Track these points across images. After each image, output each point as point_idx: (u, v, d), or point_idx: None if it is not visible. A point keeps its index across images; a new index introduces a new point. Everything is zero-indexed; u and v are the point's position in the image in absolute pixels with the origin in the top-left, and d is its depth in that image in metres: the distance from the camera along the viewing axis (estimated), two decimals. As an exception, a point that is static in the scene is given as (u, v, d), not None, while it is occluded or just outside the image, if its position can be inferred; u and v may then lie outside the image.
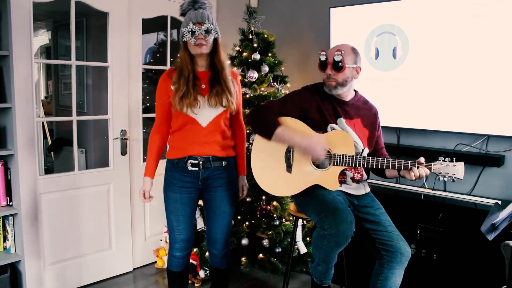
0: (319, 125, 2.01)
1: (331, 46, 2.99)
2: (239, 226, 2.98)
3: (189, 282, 2.80)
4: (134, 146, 3.12)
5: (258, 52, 3.00)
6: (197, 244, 3.03)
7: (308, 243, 2.91)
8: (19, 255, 2.61)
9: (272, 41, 3.05)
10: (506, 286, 1.85)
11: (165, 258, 3.24)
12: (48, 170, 4.58)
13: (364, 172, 2.09)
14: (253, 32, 3.04)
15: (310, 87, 2.12)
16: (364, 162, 1.94)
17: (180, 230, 2.15)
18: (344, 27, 2.99)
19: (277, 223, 2.94)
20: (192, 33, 1.96)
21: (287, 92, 3.04)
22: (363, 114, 2.09)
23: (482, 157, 2.57)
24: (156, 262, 3.31)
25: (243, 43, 3.06)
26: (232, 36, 3.22)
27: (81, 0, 2.74)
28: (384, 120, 2.20)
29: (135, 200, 3.18)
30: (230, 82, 2.07)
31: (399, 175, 1.99)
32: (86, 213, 2.90)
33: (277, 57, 3.08)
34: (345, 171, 2.03)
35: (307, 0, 3.36)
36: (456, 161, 1.89)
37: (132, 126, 3.10)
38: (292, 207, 2.36)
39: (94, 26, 3.64)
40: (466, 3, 2.47)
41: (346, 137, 1.98)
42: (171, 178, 2.13)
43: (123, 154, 3.05)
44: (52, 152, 4.57)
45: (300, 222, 2.78)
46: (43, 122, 4.55)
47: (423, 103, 2.70)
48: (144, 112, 3.19)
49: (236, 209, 2.94)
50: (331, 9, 3.03)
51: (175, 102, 2.01)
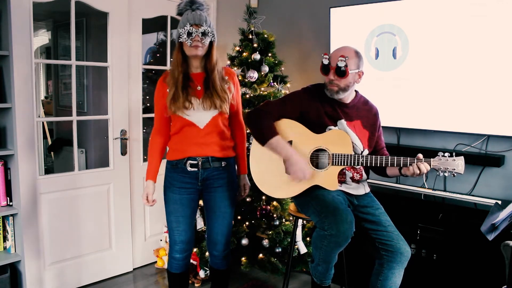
0: (318, 127, 2.01)
1: (331, 46, 3.01)
2: (239, 226, 2.98)
3: (189, 282, 2.80)
4: (134, 146, 3.12)
5: (258, 52, 3.00)
6: (197, 244, 3.03)
7: (308, 243, 2.90)
8: (19, 255, 2.61)
9: (272, 41, 3.05)
10: (506, 286, 1.85)
11: (165, 258, 3.24)
12: (48, 170, 4.58)
13: (363, 172, 2.09)
14: (253, 32, 3.04)
15: (311, 88, 2.10)
16: (363, 160, 1.94)
17: (180, 232, 2.14)
18: (344, 27, 2.99)
19: (277, 223, 2.94)
20: (188, 34, 1.95)
21: (287, 92, 3.04)
22: (363, 115, 2.09)
23: (482, 157, 2.57)
24: (156, 262, 3.31)
25: (243, 43, 3.06)
26: (232, 36, 3.23)
27: (81, 0, 2.74)
28: (384, 120, 2.20)
29: (135, 200, 3.18)
30: (219, 85, 2.03)
31: (401, 174, 1.99)
32: (86, 213, 2.90)
33: (277, 57, 3.08)
34: (344, 170, 2.03)
35: (307, 0, 3.36)
36: (455, 156, 1.88)
37: (132, 126, 3.10)
38: (292, 207, 2.36)
39: (94, 26, 3.64)
40: (466, 3, 2.48)
41: (343, 136, 1.97)
42: (171, 179, 2.13)
43: (123, 154, 3.05)
44: (52, 152, 4.57)
45: (300, 222, 2.78)
46: (43, 122, 4.55)
47: (423, 103, 2.70)
48: (144, 112, 3.19)
49: (236, 209, 2.94)
50: (331, 9, 3.03)
51: (167, 104, 2.01)
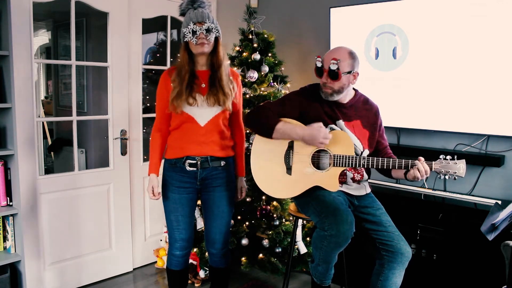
0: None
1: (331, 46, 3.01)
2: (239, 226, 2.98)
3: (189, 282, 2.80)
4: (134, 146, 3.12)
5: (258, 52, 3.00)
6: (197, 244, 3.03)
7: (308, 243, 2.90)
8: (19, 255, 2.61)
9: (272, 41, 3.05)
10: (506, 286, 1.85)
11: (165, 258, 3.24)
12: (48, 170, 4.58)
13: (364, 173, 2.09)
14: (253, 32, 3.04)
15: (309, 88, 2.11)
16: (364, 162, 1.94)
17: (180, 230, 2.15)
18: (344, 27, 2.99)
19: (277, 223, 2.94)
20: (193, 33, 1.95)
21: (287, 92, 3.04)
22: (362, 115, 2.08)
23: (482, 157, 2.57)
24: (156, 262, 3.31)
25: (243, 43, 3.05)
26: (232, 36, 3.22)
27: (81, 0, 2.74)
28: (384, 120, 2.20)
29: (135, 200, 3.18)
30: (225, 82, 2.05)
31: (405, 178, 1.96)
32: (86, 213, 2.90)
33: (277, 57, 3.08)
34: (345, 171, 2.03)
35: (307, 0, 3.36)
36: (457, 159, 1.88)
37: (132, 126, 3.10)
38: (292, 207, 2.36)
39: (94, 26, 3.64)
40: (466, 3, 2.47)
41: (345, 137, 1.97)
42: (170, 178, 2.13)
43: (123, 154, 3.05)
44: (52, 152, 4.57)
45: (300, 222, 2.78)
46: (43, 122, 4.55)
47: (423, 103, 2.70)
48: (144, 112, 3.19)
49: (236, 209, 2.95)
50: (331, 9, 3.03)
51: (170, 100, 2.02)
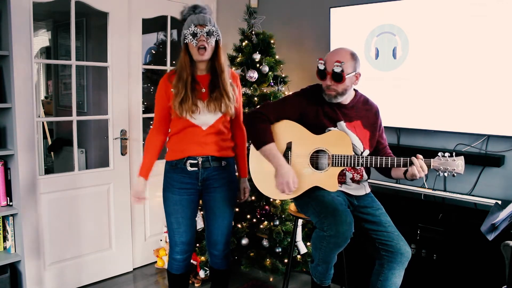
0: (318, 128, 2.00)
1: (331, 46, 3.01)
2: (239, 226, 2.98)
3: (189, 283, 2.80)
4: (134, 146, 3.12)
5: (258, 52, 3.00)
6: (196, 244, 3.03)
7: (309, 243, 2.91)
8: (19, 255, 2.61)
9: (272, 41, 3.05)
10: (506, 286, 1.85)
11: (165, 258, 3.24)
12: (48, 170, 4.58)
13: (364, 173, 2.08)
14: (253, 32, 3.04)
15: (309, 90, 2.10)
16: (363, 161, 1.94)
17: (180, 233, 2.12)
18: (344, 27, 2.99)
19: (277, 223, 2.94)
20: (193, 35, 1.95)
21: (286, 93, 3.04)
22: (363, 115, 2.08)
23: (482, 157, 2.56)
24: (156, 262, 3.31)
25: (243, 43, 3.06)
26: (232, 36, 3.22)
27: (81, 0, 2.74)
28: (384, 120, 2.19)
29: (135, 200, 3.18)
30: (229, 86, 2.04)
31: (405, 177, 1.96)
32: (86, 213, 2.90)
33: (277, 57, 3.08)
34: (344, 171, 2.03)
35: (307, 0, 3.36)
36: (455, 156, 1.88)
37: (132, 126, 3.10)
38: (292, 207, 2.36)
39: (94, 26, 3.64)
40: (466, 3, 2.47)
41: (343, 137, 1.97)
42: (170, 179, 2.11)
43: (123, 154, 3.05)
44: (52, 152, 4.58)
45: (300, 222, 2.78)
46: (43, 122, 4.55)
47: (423, 103, 2.70)
48: (144, 112, 3.20)
49: (238, 208, 2.95)
50: (331, 9, 3.03)
51: (174, 107, 1.99)
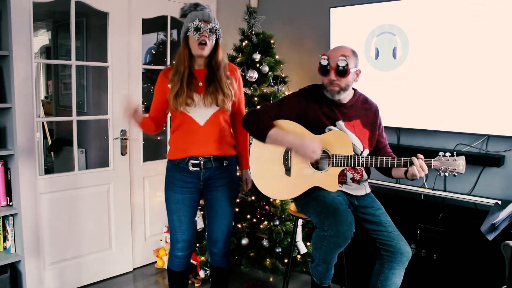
0: (317, 128, 2.00)
1: (331, 46, 3.00)
2: (239, 226, 2.98)
3: (189, 281, 2.80)
4: (134, 146, 3.12)
5: (258, 52, 3.00)
6: (196, 244, 3.03)
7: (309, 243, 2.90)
8: (19, 255, 2.61)
9: (272, 41, 3.05)
10: (506, 286, 1.85)
11: (165, 258, 3.24)
12: (48, 170, 4.58)
13: (364, 173, 2.08)
14: (253, 32, 3.04)
15: (307, 89, 2.10)
16: (363, 161, 1.94)
17: (182, 230, 2.15)
18: (344, 27, 2.99)
19: (277, 223, 2.94)
20: (197, 29, 1.98)
21: (286, 93, 3.04)
22: (362, 114, 2.08)
23: (482, 157, 2.56)
24: (156, 262, 3.31)
25: (243, 43, 3.06)
26: (232, 36, 3.22)
27: (81, 0, 2.74)
28: (384, 120, 2.19)
29: (135, 200, 3.18)
30: (224, 82, 2.06)
31: (406, 177, 1.96)
32: (86, 213, 2.90)
33: (277, 57, 3.08)
34: (344, 171, 2.02)
35: (307, 0, 3.36)
36: (456, 155, 1.87)
37: (132, 126, 3.09)
38: (292, 207, 2.36)
39: (94, 26, 3.64)
40: (466, 3, 2.47)
41: (343, 137, 1.97)
42: (172, 178, 2.13)
43: (123, 154, 3.05)
44: (52, 152, 4.57)
45: (300, 222, 2.78)
46: (43, 122, 4.55)
47: (423, 103, 2.70)
48: (144, 112, 3.18)
49: (238, 208, 2.95)
50: (331, 9, 3.03)
51: (170, 100, 2.02)
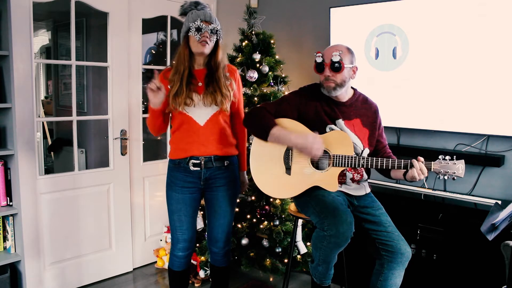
0: (317, 127, 2.00)
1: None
2: (239, 226, 2.98)
3: (189, 281, 2.80)
4: (134, 146, 3.12)
5: (258, 52, 3.00)
6: (197, 244, 3.03)
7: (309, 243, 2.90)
8: (19, 255, 2.61)
9: (272, 41, 3.05)
10: (506, 286, 1.85)
11: (165, 258, 3.24)
12: (48, 170, 4.58)
13: (364, 172, 2.08)
14: (253, 32, 3.04)
15: (307, 88, 2.10)
16: (364, 162, 1.94)
17: (183, 230, 2.15)
18: (344, 27, 2.99)
19: (277, 223, 2.94)
20: (198, 29, 1.98)
21: (286, 92, 3.04)
22: (362, 113, 2.08)
23: (482, 157, 2.56)
24: (156, 262, 3.31)
25: (243, 43, 3.06)
26: (232, 36, 3.22)
27: (81, 0, 2.74)
28: (384, 120, 2.19)
29: (135, 200, 3.18)
30: (223, 83, 2.06)
31: (405, 179, 1.96)
32: (86, 213, 2.90)
33: (277, 57, 3.08)
34: (345, 171, 2.03)
35: (307, 0, 3.36)
36: (456, 159, 1.88)
37: (132, 126, 3.10)
38: (292, 207, 2.36)
39: (94, 26, 3.64)
40: (466, 3, 2.47)
41: (344, 137, 1.97)
42: (173, 178, 2.13)
43: (123, 154, 3.05)
44: (52, 152, 4.57)
45: (300, 222, 2.78)
46: (43, 122, 4.55)
47: (423, 103, 2.70)
48: (144, 112, 3.19)
49: (238, 208, 2.95)
50: (331, 9, 3.03)
51: (169, 100, 2.02)
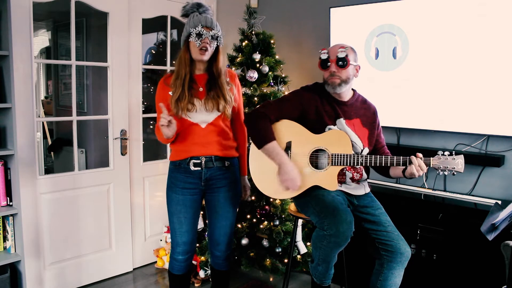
0: (318, 126, 2.01)
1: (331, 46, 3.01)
2: (239, 226, 2.98)
3: (190, 283, 2.80)
4: (134, 146, 3.12)
5: (258, 52, 3.00)
6: (196, 244, 3.02)
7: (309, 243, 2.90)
8: (19, 255, 2.61)
9: (272, 41, 3.05)
10: (506, 286, 1.85)
11: (165, 258, 3.24)
12: (48, 170, 4.58)
13: (363, 172, 2.08)
14: (253, 32, 3.04)
15: (309, 87, 2.11)
16: (362, 160, 1.94)
17: (182, 233, 2.12)
18: (344, 27, 2.99)
19: (277, 223, 2.94)
20: (199, 35, 1.98)
21: (286, 92, 3.04)
22: (362, 113, 2.09)
23: (482, 157, 2.56)
24: (156, 262, 3.31)
25: (243, 43, 3.06)
26: (232, 36, 3.22)
27: (81, 0, 2.74)
28: (384, 120, 2.20)
29: (135, 200, 3.18)
30: (226, 90, 2.06)
31: (404, 176, 1.97)
32: (86, 213, 2.90)
33: (277, 57, 3.08)
34: (344, 171, 2.03)
35: (307, 0, 3.36)
36: (455, 154, 1.88)
37: (132, 126, 3.10)
38: (292, 207, 2.36)
39: (94, 26, 3.64)
40: (466, 3, 2.47)
41: (343, 136, 1.97)
42: (174, 179, 2.12)
43: (123, 154, 3.05)
44: (52, 152, 4.57)
45: (300, 222, 2.78)
46: (43, 122, 4.55)
47: (423, 103, 2.70)
48: (144, 112, 3.20)
49: (238, 208, 2.95)
50: (331, 9, 3.03)
51: (171, 105, 2.01)
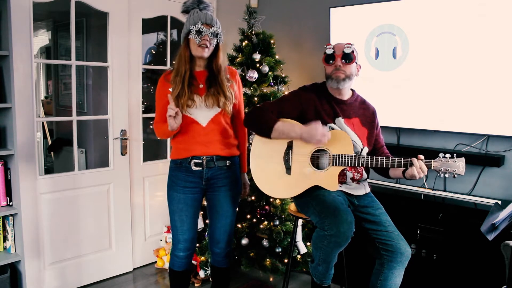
0: None
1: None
2: (239, 226, 2.98)
3: (190, 281, 2.81)
4: (134, 146, 3.12)
5: (258, 52, 3.00)
6: (196, 244, 3.03)
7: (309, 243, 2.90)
8: (19, 255, 2.61)
9: (272, 41, 3.05)
10: (506, 286, 1.85)
11: (165, 258, 3.24)
12: (48, 170, 4.58)
13: (364, 172, 2.09)
14: (253, 32, 3.04)
15: (308, 87, 2.12)
16: (363, 161, 1.94)
17: (184, 231, 2.14)
18: (344, 27, 2.99)
19: (277, 223, 2.94)
20: (198, 32, 1.98)
21: (286, 92, 3.04)
22: (361, 113, 2.09)
23: (482, 157, 2.56)
24: (156, 262, 3.31)
25: (243, 43, 3.06)
26: (232, 36, 3.22)
27: (81, 0, 2.74)
28: (384, 120, 2.20)
29: (135, 200, 3.18)
30: (226, 86, 2.07)
31: (404, 177, 1.97)
32: (86, 213, 2.90)
33: (277, 57, 3.08)
34: (345, 171, 2.03)
35: (307, 0, 3.36)
36: (456, 157, 1.89)
37: (132, 126, 3.10)
38: (292, 207, 2.36)
39: (94, 26, 3.64)
40: (466, 3, 2.47)
41: (344, 137, 1.97)
42: (175, 178, 2.13)
43: (123, 154, 3.05)
44: (52, 152, 4.57)
45: (300, 222, 2.78)
46: (43, 122, 4.55)
47: (423, 103, 2.70)
48: (144, 112, 3.19)
49: (238, 208, 2.95)
50: (331, 9, 3.03)
51: (170, 102, 2.01)
